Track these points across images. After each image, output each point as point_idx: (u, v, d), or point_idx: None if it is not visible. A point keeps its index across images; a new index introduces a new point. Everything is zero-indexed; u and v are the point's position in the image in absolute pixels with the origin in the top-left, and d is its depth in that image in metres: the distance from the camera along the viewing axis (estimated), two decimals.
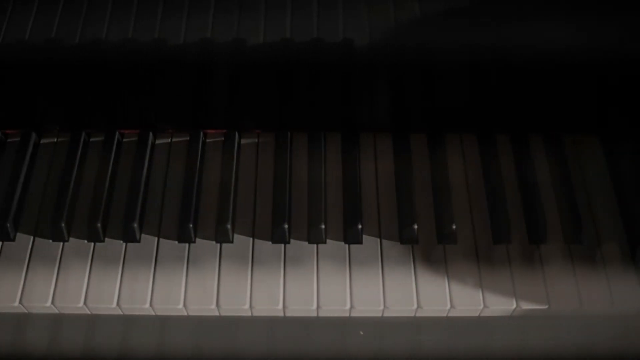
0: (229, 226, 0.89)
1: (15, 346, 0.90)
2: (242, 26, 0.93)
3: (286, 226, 0.89)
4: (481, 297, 0.87)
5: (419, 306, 0.86)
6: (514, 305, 0.87)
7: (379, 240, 0.91)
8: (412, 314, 0.88)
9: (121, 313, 0.88)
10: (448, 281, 0.88)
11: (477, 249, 0.91)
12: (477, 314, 0.88)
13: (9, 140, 0.99)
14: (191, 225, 0.89)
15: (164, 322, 0.90)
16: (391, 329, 0.91)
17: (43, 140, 0.99)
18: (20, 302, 0.86)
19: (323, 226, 0.90)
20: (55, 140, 0.99)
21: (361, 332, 0.90)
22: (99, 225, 0.90)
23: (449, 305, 0.86)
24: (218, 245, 0.90)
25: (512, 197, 0.94)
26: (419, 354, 0.91)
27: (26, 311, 0.88)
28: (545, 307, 0.87)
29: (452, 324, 0.90)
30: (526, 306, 0.87)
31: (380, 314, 0.88)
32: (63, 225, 0.90)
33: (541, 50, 0.89)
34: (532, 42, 0.89)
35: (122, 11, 0.94)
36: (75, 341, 0.90)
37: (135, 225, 0.89)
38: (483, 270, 0.89)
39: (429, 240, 0.91)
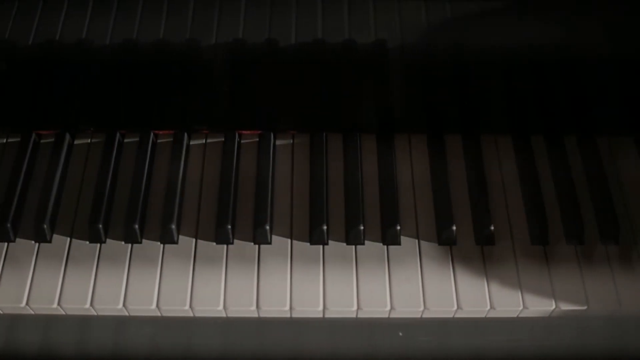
0: (267, 227, 0.89)
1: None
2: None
3: (325, 227, 0.89)
4: (520, 298, 0.87)
5: (459, 307, 0.86)
6: (553, 306, 0.87)
7: (417, 241, 0.91)
8: (451, 315, 0.88)
9: (159, 314, 0.88)
10: (487, 282, 0.88)
11: (515, 249, 0.91)
12: (515, 315, 0.88)
13: (42, 140, 0.99)
14: (229, 227, 0.89)
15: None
16: (426, 330, 0.91)
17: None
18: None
19: (362, 227, 0.90)
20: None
21: (400, 334, 0.90)
22: (136, 226, 0.89)
23: (488, 307, 0.87)
24: (256, 246, 0.90)
25: (549, 197, 0.94)
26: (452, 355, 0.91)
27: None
28: (584, 307, 0.87)
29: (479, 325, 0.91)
30: (565, 307, 0.87)
31: (419, 315, 0.88)
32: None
33: (585, 49, 0.89)
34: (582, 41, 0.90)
35: (153, 13, 0.94)
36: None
37: (173, 226, 0.89)
38: (521, 271, 0.89)
39: (466, 240, 0.91)
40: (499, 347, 0.93)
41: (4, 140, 0.99)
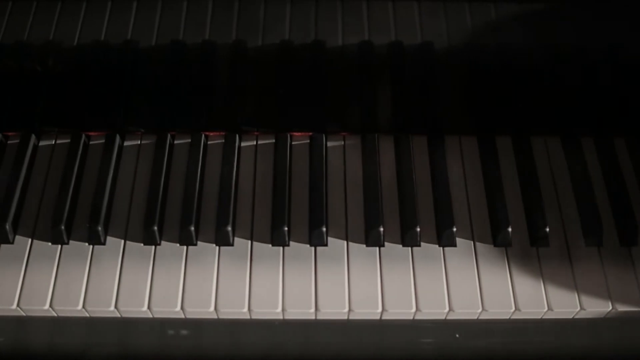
0: (324, 229, 0.89)
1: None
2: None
3: (381, 229, 0.89)
4: (577, 299, 0.87)
5: (516, 308, 0.87)
6: (610, 307, 0.87)
7: (472, 243, 0.91)
8: (508, 317, 0.88)
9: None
10: (543, 283, 0.88)
11: (570, 250, 0.91)
12: (571, 317, 0.89)
13: (91, 142, 0.98)
14: (286, 229, 0.89)
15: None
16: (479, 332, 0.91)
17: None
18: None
19: (418, 229, 0.90)
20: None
21: (457, 335, 0.90)
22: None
23: (546, 308, 0.87)
24: (312, 248, 0.90)
25: (601, 199, 0.94)
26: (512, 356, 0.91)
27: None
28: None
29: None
30: (622, 308, 0.87)
31: (476, 317, 0.88)
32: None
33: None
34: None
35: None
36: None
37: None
38: (577, 272, 0.89)
39: (521, 242, 0.91)
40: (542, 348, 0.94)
41: (53, 142, 0.98)
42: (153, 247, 0.90)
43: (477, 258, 0.90)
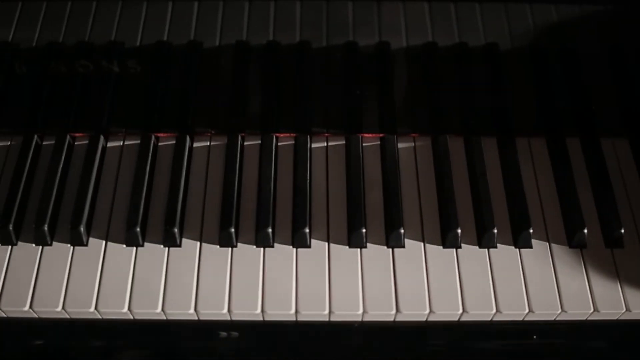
0: (401, 231, 0.89)
1: None
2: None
3: (459, 231, 0.89)
4: None
5: (595, 310, 0.87)
6: None
7: (547, 244, 0.91)
8: (585, 318, 0.88)
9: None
10: (620, 284, 0.89)
11: None
12: None
13: (160, 143, 0.98)
14: (364, 231, 0.89)
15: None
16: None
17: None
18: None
19: (495, 231, 0.90)
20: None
21: (534, 337, 0.91)
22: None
23: (624, 309, 0.87)
24: (390, 249, 0.90)
25: None
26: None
27: None
28: None
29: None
30: None
31: (554, 318, 0.88)
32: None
33: None
34: None
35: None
36: None
37: (307, 230, 0.89)
38: None
39: (595, 243, 0.91)
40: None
41: (121, 143, 0.98)
42: (230, 249, 0.90)
43: (554, 259, 0.90)
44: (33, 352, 0.92)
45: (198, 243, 0.90)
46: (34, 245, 0.90)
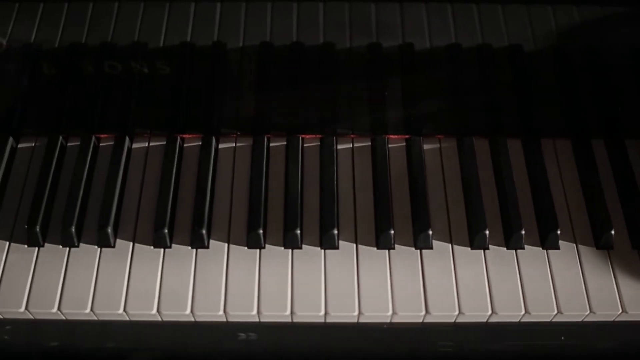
0: (429, 232, 0.89)
1: None
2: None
3: (487, 232, 0.89)
4: None
5: (623, 311, 0.87)
6: None
7: (574, 245, 0.91)
8: (613, 319, 0.89)
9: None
10: None
11: None
12: None
13: (185, 144, 0.98)
14: (392, 232, 0.89)
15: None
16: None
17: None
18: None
19: (523, 232, 0.90)
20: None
21: (562, 337, 0.91)
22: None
23: None
24: (418, 250, 0.90)
25: None
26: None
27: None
28: None
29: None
30: None
31: (582, 319, 0.88)
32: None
33: None
34: None
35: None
36: None
37: (335, 232, 0.89)
38: None
39: (622, 244, 0.92)
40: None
41: (147, 144, 0.98)
42: (258, 250, 0.90)
43: (581, 261, 0.90)
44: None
45: (226, 244, 0.90)
46: (61, 246, 0.90)
